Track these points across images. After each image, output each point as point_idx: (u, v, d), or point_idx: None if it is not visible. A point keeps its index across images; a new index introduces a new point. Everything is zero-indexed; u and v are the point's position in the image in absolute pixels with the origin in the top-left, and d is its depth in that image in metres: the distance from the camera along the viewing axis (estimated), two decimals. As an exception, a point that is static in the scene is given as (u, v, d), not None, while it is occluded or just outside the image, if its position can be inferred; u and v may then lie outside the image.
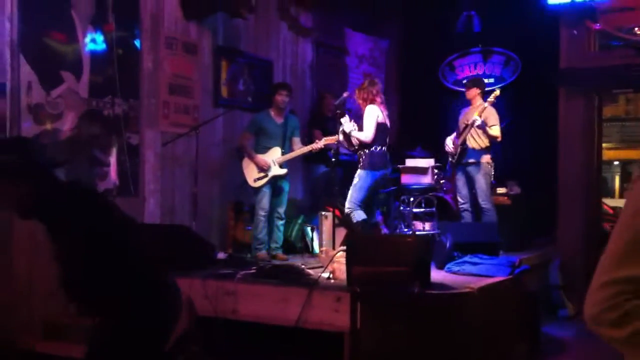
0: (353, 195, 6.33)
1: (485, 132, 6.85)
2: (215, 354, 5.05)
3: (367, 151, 6.32)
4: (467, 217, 7.12)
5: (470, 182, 7.04)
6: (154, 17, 6.32)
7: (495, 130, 6.88)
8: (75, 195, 2.77)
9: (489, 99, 6.89)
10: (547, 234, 8.35)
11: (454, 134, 7.22)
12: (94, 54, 5.70)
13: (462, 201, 7.14)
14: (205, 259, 5.72)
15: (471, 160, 6.99)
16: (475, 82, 7.38)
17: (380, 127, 6.32)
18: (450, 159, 7.21)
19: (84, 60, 5.62)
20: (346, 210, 6.37)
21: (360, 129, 6.35)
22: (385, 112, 6.44)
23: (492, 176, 7.16)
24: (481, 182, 6.94)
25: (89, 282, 2.75)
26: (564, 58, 8.12)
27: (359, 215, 6.28)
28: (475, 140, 6.98)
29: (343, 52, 9.15)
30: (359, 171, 6.37)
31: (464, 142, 6.97)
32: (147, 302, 2.79)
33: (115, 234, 2.81)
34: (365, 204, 6.38)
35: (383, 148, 6.35)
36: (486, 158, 7.00)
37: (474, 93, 7.15)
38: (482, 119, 6.77)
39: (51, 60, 5.36)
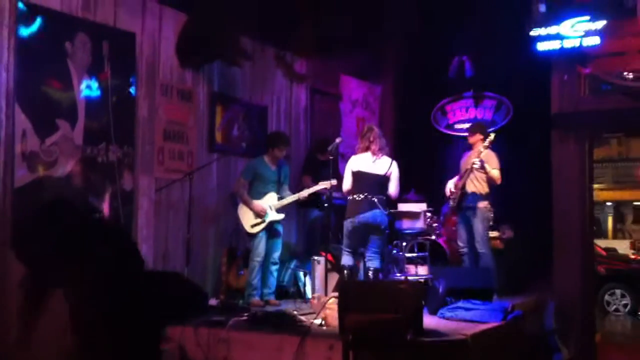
0: (343, 240, 6.48)
1: (486, 175, 6.89)
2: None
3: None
4: (467, 261, 7.09)
5: (469, 226, 7.06)
6: (150, 65, 6.41)
7: (495, 173, 6.92)
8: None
9: (484, 144, 6.94)
10: (542, 278, 8.33)
11: (456, 178, 7.25)
12: (89, 102, 5.76)
13: (462, 245, 7.13)
14: (197, 307, 5.69)
15: (470, 205, 7.01)
16: (478, 127, 7.46)
17: (355, 175, 6.37)
18: (451, 203, 7.22)
19: (79, 108, 5.68)
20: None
21: None
22: (377, 158, 6.41)
23: (491, 221, 7.16)
24: (478, 227, 6.95)
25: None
26: (555, 102, 8.22)
27: (344, 260, 6.41)
28: (475, 185, 7.00)
29: (337, 97, 9.25)
30: None
31: (463, 186, 7.00)
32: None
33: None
34: (353, 249, 6.43)
35: (359, 195, 6.30)
36: (484, 203, 7.02)
37: (476, 138, 7.21)
38: (480, 162, 6.81)
39: (46, 109, 5.41)
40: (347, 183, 6.43)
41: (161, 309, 5.41)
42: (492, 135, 7.04)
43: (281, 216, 6.63)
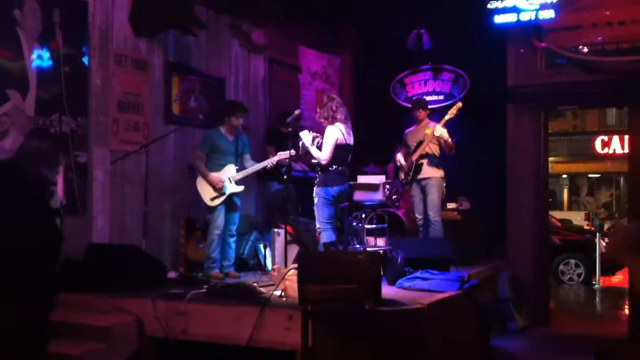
0: (318, 214, 6.33)
1: (445, 144, 6.96)
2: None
3: (320, 171, 6.34)
4: (425, 232, 7.19)
5: (424, 196, 7.12)
6: (103, 33, 6.25)
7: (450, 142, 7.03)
8: None
9: (451, 110, 7.03)
10: (497, 248, 8.50)
11: (400, 153, 7.31)
12: (40, 72, 5.60)
13: (419, 217, 7.21)
14: (155, 279, 5.65)
15: (426, 175, 7.08)
16: (424, 103, 7.50)
17: (340, 147, 6.30)
18: (402, 177, 7.28)
19: (30, 78, 5.53)
20: (317, 230, 6.36)
21: (320, 147, 6.36)
22: (348, 129, 6.41)
23: (444, 192, 7.27)
24: (434, 195, 7.04)
25: None
26: (511, 75, 8.30)
27: (327, 236, 6.27)
28: (430, 157, 7.08)
29: (296, 68, 9.19)
30: (315, 189, 6.36)
31: (419, 158, 7.06)
32: None
33: None
34: (333, 220, 6.37)
35: (340, 167, 6.32)
36: (440, 172, 7.11)
37: (425, 114, 7.30)
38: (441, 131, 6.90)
39: (-5, 78, 5.25)
40: (329, 152, 6.24)
41: (118, 281, 5.39)
42: (460, 104, 7.11)
43: (240, 188, 6.58)
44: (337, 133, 6.29)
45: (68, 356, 4.64)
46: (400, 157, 7.32)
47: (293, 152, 6.47)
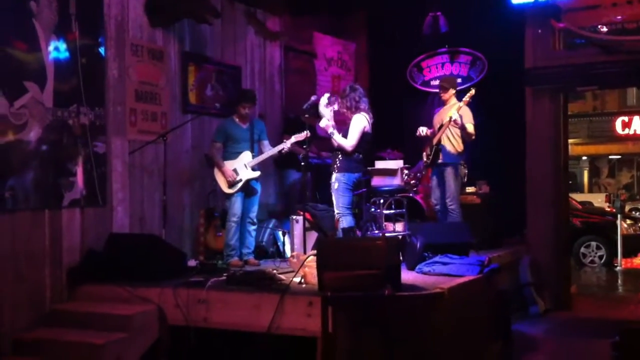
0: (338, 200, 6.30)
1: (462, 130, 6.88)
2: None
3: (341, 157, 6.32)
4: (441, 217, 7.15)
5: (442, 182, 7.08)
6: (119, 24, 6.26)
7: (470, 128, 6.94)
8: None
9: (464, 99, 6.92)
10: (517, 232, 8.44)
11: (427, 129, 7.23)
12: (58, 63, 5.62)
13: (435, 202, 7.17)
14: (175, 268, 5.69)
15: (445, 162, 7.01)
16: (452, 82, 7.42)
17: (365, 136, 6.33)
18: (424, 160, 7.22)
19: (48, 70, 5.54)
20: (335, 216, 6.35)
21: (344, 135, 6.34)
22: (370, 119, 6.42)
23: (465, 177, 7.20)
24: (451, 183, 6.98)
25: None
26: (529, 57, 8.22)
27: (347, 222, 6.27)
28: (450, 142, 7.00)
29: (311, 55, 9.15)
30: (336, 175, 6.33)
31: (439, 142, 6.99)
32: None
33: None
34: (353, 206, 6.39)
35: (360, 155, 6.37)
36: (459, 158, 7.04)
37: (450, 94, 7.20)
38: (460, 117, 6.80)
39: (14, 71, 5.25)
40: (356, 140, 6.27)
41: (139, 271, 5.43)
42: (473, 90, 7.00)
43: (257, 174, 6.61)
44: (364, 121, 6.33)
45: (94, 345, 4.71)
46: (422, 129, 7.18)
47: (308, 133, 6.44)
